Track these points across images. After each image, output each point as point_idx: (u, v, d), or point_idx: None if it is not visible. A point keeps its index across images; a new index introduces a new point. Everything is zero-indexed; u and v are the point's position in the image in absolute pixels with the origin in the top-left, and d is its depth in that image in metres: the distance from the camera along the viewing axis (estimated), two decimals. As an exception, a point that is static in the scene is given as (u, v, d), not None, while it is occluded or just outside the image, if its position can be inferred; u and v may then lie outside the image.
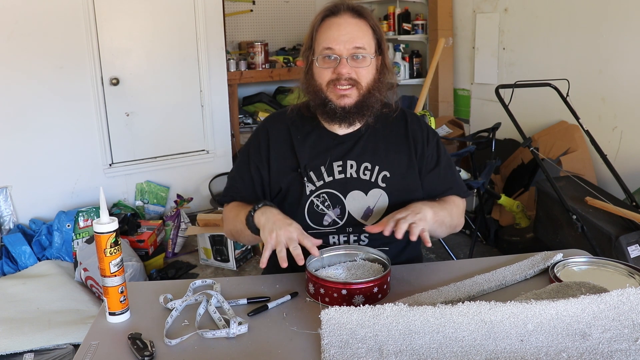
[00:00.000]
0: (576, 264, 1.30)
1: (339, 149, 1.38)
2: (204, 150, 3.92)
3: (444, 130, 3.61)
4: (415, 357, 0.92)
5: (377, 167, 1.37)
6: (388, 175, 1.37)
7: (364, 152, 1.38)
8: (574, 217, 2.37)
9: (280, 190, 1.38)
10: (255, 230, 1.26)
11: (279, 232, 1.17)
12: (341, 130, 1.38)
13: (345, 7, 1.30)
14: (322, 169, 1.36)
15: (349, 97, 1.30)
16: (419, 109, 3.07)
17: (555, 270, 1.24)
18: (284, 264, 1.14)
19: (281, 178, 1.38)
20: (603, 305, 0.99)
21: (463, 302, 1.00)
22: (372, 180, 1.37)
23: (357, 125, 1.38)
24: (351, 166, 1.37)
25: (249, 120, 4.47)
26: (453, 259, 2.87)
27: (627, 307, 0.99)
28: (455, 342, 0.94)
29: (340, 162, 1.37)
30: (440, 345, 0.94)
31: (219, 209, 3.49)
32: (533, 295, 1.11)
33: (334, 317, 0.99)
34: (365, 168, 1.37)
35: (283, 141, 1.40)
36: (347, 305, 1.03)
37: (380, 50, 1.34)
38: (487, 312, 0.98)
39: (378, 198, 1.36)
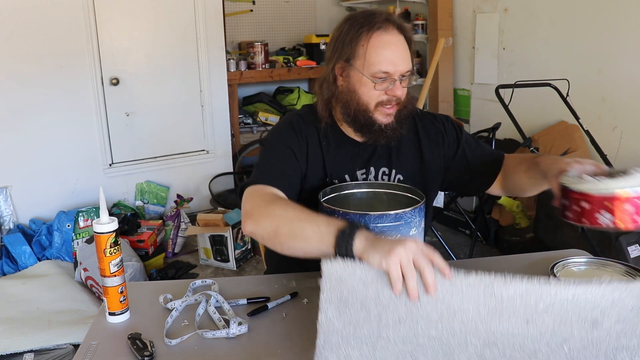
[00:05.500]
0: (576, 264, 1.29)
1: (360, 156, 1.35)
2: (204, 150, 3.93)
3: (444, 130, 3.61)
4: (412, 332, 0.88)
5: (393, 170, 1.37)
6: (401, 177, 1.37)
7: (380, 156, 1.36)
8: (574, 217, 2.37)
9: (301, 192, 1.33)
10: (345, 253, 0.94)
11: (410, 245, 0.88)
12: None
13: (394, 22, 1.23)
14: (347, 177, 1.34)
15: (391, 115, 1.29)
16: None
17: (555, 270, 1.24)
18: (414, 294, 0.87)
19: (308, 182, 1.33)
20: (626, 293, 0.90)
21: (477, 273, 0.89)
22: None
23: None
24: (371, 172, 1.36)
25: (249, 120, 4.46)
26: (453, 259, 2.87)
27: None
28: (458, 315, 0.88)
29: (364, 170, 1.35)
30: (441, 317, 0.88)
31: (219, 209, 3.49)
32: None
33: (336, 270, 0.90)
34: (384, 173, 1.36)
35: (315, 146, 1.34)
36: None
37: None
38: (500, 286, 0.88)
39: None
